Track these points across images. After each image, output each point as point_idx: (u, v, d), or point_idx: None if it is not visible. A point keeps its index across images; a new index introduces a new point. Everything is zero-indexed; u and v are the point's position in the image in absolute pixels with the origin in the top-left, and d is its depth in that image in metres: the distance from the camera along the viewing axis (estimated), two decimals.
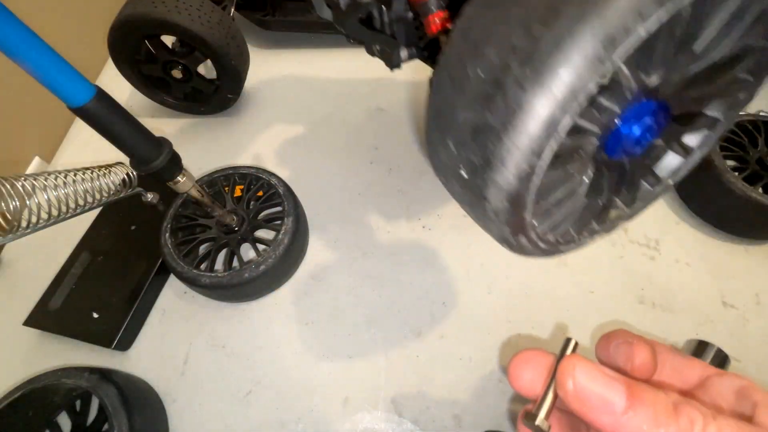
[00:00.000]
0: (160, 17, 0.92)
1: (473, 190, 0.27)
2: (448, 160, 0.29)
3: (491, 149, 0.24)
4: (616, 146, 0.27)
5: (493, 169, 0.24)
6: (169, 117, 1.23)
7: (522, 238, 0.30)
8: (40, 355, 0.85)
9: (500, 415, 0.73)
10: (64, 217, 0.70)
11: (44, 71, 0.47)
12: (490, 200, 0.26)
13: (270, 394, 0.78)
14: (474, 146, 0.25)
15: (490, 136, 0.24)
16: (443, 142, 0.28)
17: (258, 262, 0.79)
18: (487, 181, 0.25)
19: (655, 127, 0.28)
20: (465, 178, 0.27)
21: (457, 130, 0.26)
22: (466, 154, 0.26)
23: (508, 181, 0.24)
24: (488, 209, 0.27)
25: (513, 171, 0.24)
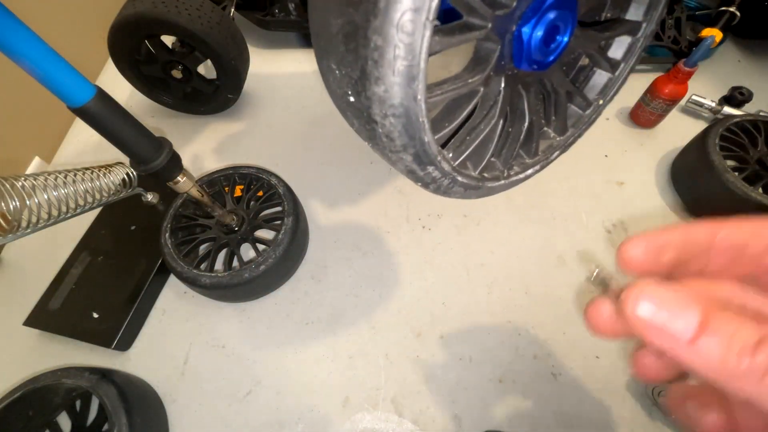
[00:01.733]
0: (160, 17, 0.92)
1: (363, 115, 0.23)
2: (336, 89, 0.25)
3: (363, 54, 0.20)
4: (520, 53, 0.23)
5: (370, 77, 0.20)
6: (169, 117, 1.23)
7: (431, 169, 0.26)
8: (40, 355, 0.85)
9: (500, 415, 0.73)
10: (64, 217, 0.70)
11: (44, 71, 0.47)
12: (378, 121, 0.22)
13: (270, 394, 0.78)
14: (349, 57, 0.21)
15: (359, 39, 0.20)
16: (329, 67, 0.24)
17: (258, 262, 0.79)
18: (370, 97, 0.21)
19: (563, 28, 0.24)
20: (353, 102, 0.24)
21: (333, 45, 0.22)
22: (347, 72, 0.22)
23: (386, 89, 0.20)
24: (381, 135, 0.23)
25: (390, 75, 0.20)
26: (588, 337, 0.79)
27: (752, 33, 1.24)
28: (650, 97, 1.03)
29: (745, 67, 1.23)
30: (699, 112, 1.11)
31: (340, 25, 0.21)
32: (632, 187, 1.00)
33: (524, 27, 0.23)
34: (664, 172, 1.02)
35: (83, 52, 1.35)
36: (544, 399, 0.74)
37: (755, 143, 0.89)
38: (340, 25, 0.21)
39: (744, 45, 1.28)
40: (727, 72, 1.21)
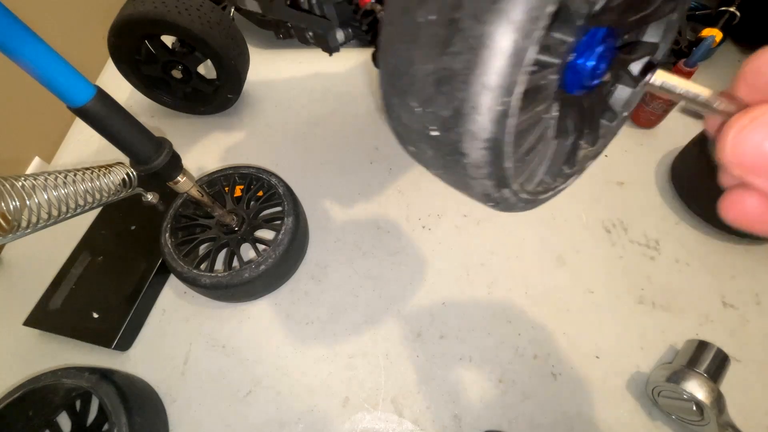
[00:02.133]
0: (160, 17, 0.92)
1: (447, 147, 0.26)
2: (413, 124, 0.27)
3: (459, 97, 0.22)
4: (574, 81, 0.26)
5: (466, 117, 0.23)
6: (169, 117, 1.23)
7: (505, 191, 0.28)
8: (40, 355, 0.85)
9: (500, 415, 0.73)
10: (64, 217, 0.70)
11: (44, 71, 0.47)
12: (468, 153, 0.24)
13: (270, 394, 0.78)
14: (441, 99, 0.23)
15: (455, 83, 0.22)
16: (405, 105, 0.26)
17: (258, 262, 0.79)
18: (462, 133, 0.24)
19: (606, 56, 0.27)
20: (436, 137, 0.26)
21: (418, 87, 0.24)
22: (433, 110, 0.24)
23: (483, 127, 0.23)
24: (468, 165, 0.25)
25: (486, 115, 0.22)
26: (588, 337, 0.79)
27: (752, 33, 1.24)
28: (650, 98, 1.03)
29: None
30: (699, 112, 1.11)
31: (431, 70, 0.23)
32: (632, 187, 1.00)
33: (580, 59, 0.25)
34: (664, 172, 1.02)
35: (83, 52, 1.35)
36: (544, 399, 0.74)
37: None
38: (431, 70, 0.23)
39: (744, 45, 1.28)
40: (727, 72, 1.21)
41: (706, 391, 0.62)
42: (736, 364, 0.73)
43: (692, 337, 0.73)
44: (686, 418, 0.66)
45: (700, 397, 0.61)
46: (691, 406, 0.64)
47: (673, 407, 0.67)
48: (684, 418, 0.67)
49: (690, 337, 0.73)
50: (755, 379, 0.73)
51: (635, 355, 0.77)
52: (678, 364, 0.68)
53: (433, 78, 0.23)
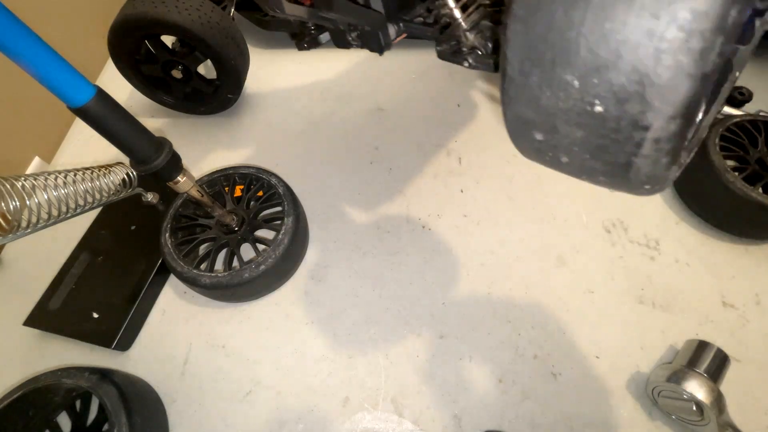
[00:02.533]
0: (160, 17, 0.92)
1: (618, 123, 0.22)
2: (562, 103, 0.23)
3: (657, 56, 0.18)
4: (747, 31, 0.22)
5: (661, 81, 0.19)
6: (169, 117, 1.23)
7: (674, 168, 0.24)
8: (40, 355, 0.85)
9: (500, 415, 0.73)
10: (64, 217, 0.70)
11: (44, 71, 0.47)
12: (652, 126, 0.21)
13: (270, 394, 0.78)
14: (622, 64, 0.20)
15: (652, 40, 0.18)
16: (553, 80, 0.23)
17: (258, 262, 0.79)
18: (652, 101, 0.20)
19: None
20: (599, 113, 0.22)
21: (582, 55, 0.21)
22: (606, 81, 0.21)
23: (685, 88, 0.19)
24: (646, 141, 0.22)
25: (695, 71, 0.18)
26: (588, 337, 0.79)
27: None
28: None
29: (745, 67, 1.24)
30: None
31: (609, 30, 0.20)
32: None
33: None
34: None
35: (83, 52, 1.35)
36: (544, 399, 0.74)
37: (755, 143, 0.89)
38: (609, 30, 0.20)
39: None
40: None
41: (706, 391, 0.62)
42: (736, 364, 0.73)
43: (692, 337, 0.73)
44: (686, 418, 0.66)
45: (700, 397, 0.61)
46: (691, 406, 0.64)
47: (673, 407, 0.67)
48: (684, 418, 0.67)
49: (690, 337, 0.73)
50: (755, 379, 0.73)
51: (635, 355, 0.77)
52: (678, 364, 0.68)
53: (614, 39, 0.20)
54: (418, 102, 1.19)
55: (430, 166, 1.05)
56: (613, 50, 0.20)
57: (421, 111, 1.17)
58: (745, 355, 0.75)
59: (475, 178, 1.02)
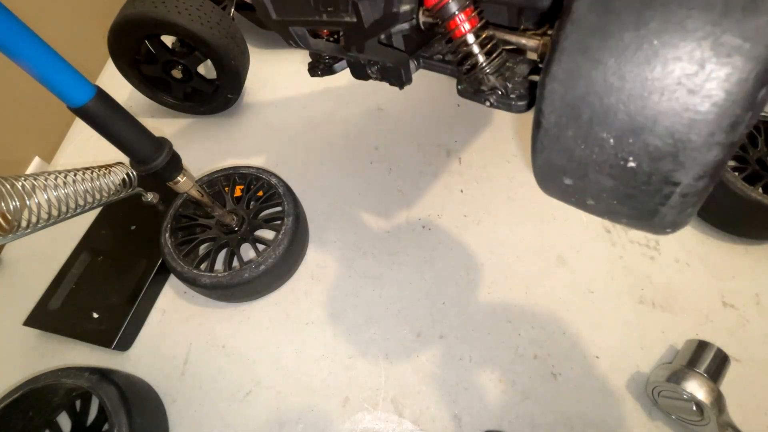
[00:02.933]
0: (160, 17, 0.92)
1: (650, 178, 0.24)
2: (595, 156, 0.25)
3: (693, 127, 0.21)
4: None
5: (695, 147, 0.21)
6: (169, 117, 1.23)
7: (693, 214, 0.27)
8: (40, 355, 0.85)
9: (500, 415, 0.73)
10: (64, 217, 0.70)
11: (44, 71, 0.47)
12: (682, 183, 0.23)
13: (270, 394, 0.78)
14: (659, 129, 0.22)
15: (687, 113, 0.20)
16: (588, 137, 0.25)
17: (258, 262, 0.79)
18: (684, 161, 0.22)
19: None
20: (632, 168, 0.24)
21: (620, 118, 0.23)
22: (641, 141, 0.23)
23: (715, 154, 0.21)
24: (674, 196, 0.24)
25: (725, 141, 0.20)
26: (588, 337, 0.79)
27: None
28: None
29: None
30: None
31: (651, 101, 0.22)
32: None
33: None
34: None
35: (83, 52, 1.35)
36: (544, 399, 0.74)
37: (755, 143, 0.89)
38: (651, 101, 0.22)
39: None
40: None
41: (706, 391, 0.62)
42: (736, 364, 0.73)
43: (692, 337, 0.73)
44: (686, 418, 0.66)
45: (700, 397, 0.61)
46: (691, 406, 0.64)
47: (673, 407, 0.67)
48: (684, 418, 0.67)
49: (690, 337, 0.73)
50: (755, 379, 0.73)
51: (635, 355, 0.77)
52: (678, 364, 0.68)
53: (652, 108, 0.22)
54: (418, 102, 1.19)
55: (430, 166, 1.05)
56: (651, 117, 0.22)
57: (421, 111, 1.17)
58: (745, 355, 0.75)
59: (475, 178, 1.02)
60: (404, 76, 0.61)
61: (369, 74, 0.65)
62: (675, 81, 0.21)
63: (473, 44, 0.47)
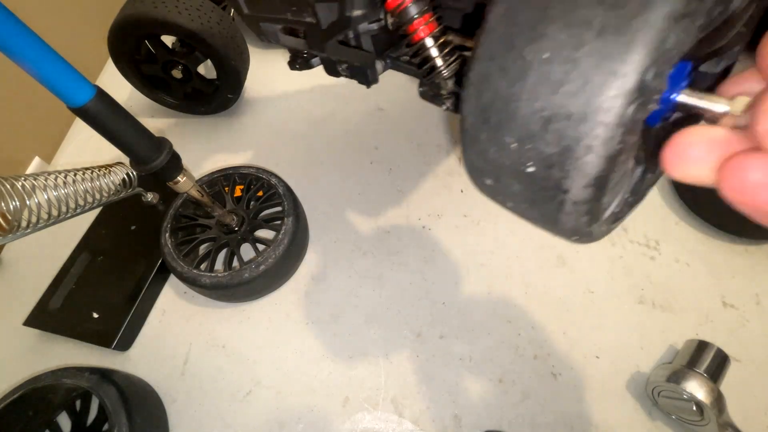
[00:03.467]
0: (160, 17, 0.92)
1: (545, 184, 0.26)
2: (503, 159, 0.27)
3: (573, 136, 0.22)
4: (658, 113, 0.26)
5: (577, 157, 0.23)
6: (169, 117, 1.23)
7: (595, 226, 0.28)
8: (40, 355, 0.85)
9: (500, 415, 0.73)
10: (64, 217, 0.70)
11: (44, 71, 0.47)
12: (571, 190, 0.25)
13: (270, 394, 0.78)
14: (548, 137, 0.23)
15: (570, 123, 0.22)
16: (497, 140, 0.26)
17: (258, 262, 0.79)
18: (569, 171, 0.24)
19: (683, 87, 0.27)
20: (531, 173, 0.26)
21: (519, 124, 0.25)
22: (535, 148, 0.24)
23: (595, 165, 0.23)
24: (566, 201, 0.25)
25: (603, 153, 0.22)
26: (588, 337, 0.79)
27: None
28: None
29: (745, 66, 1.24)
30: None
31: (539, 109, 0.23)
32: None
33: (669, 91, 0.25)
34: None
35: (83, 52, 1.35)
36: (544, 399, 0.74)
37: None
38: (539, 109, 0.23)
39: None
40: None
41: (706, 391, 0.62)
42: (736, 364, 0.73)
43: (692, 337, 0.73)
44: (686, 418, 0.66)
45: (700, 397, 0.61)
46: (691, 406, 0.64)
47: (673, 407, 0.67)
48: (684, 418, 0.67)
49: (690, 337, 0.73)
50: (755, 379, 0.73)
51: (635, 355, 0.77)
52: (678, 364, 0.68)
53: (541, 116, 0.23)
54: (418, 102, 1.19)
55: (430, 166, 1.05)
56: (542, 125, 0.24)
57: (421, 111, 1.17)
58: (745, 355, 0.75)
59: None
60: (370, 75, 0.62)
61: (339, 71, 0.66)
62: (562, 92, 0.22)
63: (431, 48, 0.49)
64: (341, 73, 0.67)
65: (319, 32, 0.55)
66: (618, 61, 0.20)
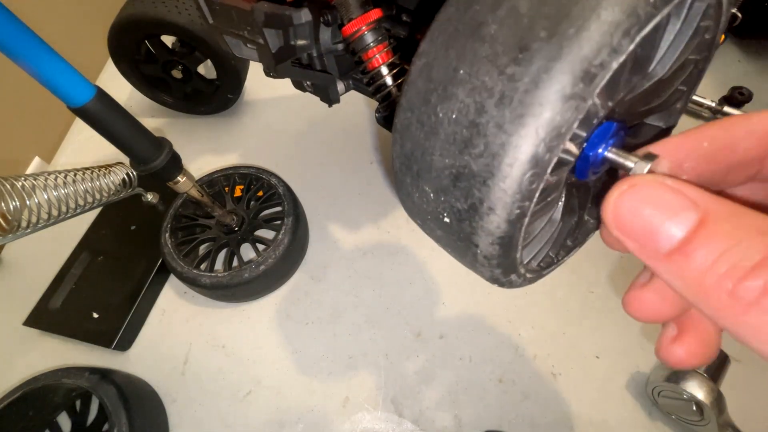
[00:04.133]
0: (160, 17, 0.92)
1: (459, 235, 0.26)
2: (425, 206, 0.28)
3: (476, 195, 0.23)
4: (584, 169, 0.27)
5: (482, 216, 0.23)
6: (169, 117, 1.23)
7: (512, 276, 0.29)
8: (40, 355, 0.85)
9: (500, 415, 0.73)
10: (64, 217, 0.70)
11: (44, 71, 0.47)
12: (479, 246, 0.25)
13: (270, 394, 0.78)
14: (457, 193, 0.24)
15: (474, 183, 0.23)
16: (419, 187, 0.27)
17: (258, 262, 0.79)
18: (476, 228, 0.24)
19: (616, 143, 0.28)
20: (448, 223, 0.27)
21: (434, 176, 0.25)
22: (448, 201, 0.25)
23: (498, 226, 0.23)
24: (478, 255, 0.26)
25: (503, 216, 0.23)
26: (588, 337, 0.79)
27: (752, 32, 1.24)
28: None
29: (745, 67, 1.23)
30: (699, 112, 1.11)
31: (448, 165, 0.24)
32: None
33: (593, 150, 0.26)
34: None
35: (83, 52, 1.35)
36: (544, 399, 0.74)
37: None
38: (448, 165, 0.24)
39: (744, 45, 1.28)
40: (727, 72, 1.21)
41: (706, 391, 0.62)
42: (736, 364, 0.73)
43: None
44: (686, 418, 0.66)
45: (700, 397, 0.61)
46: (691, 406, 0.64)
47: (673, 407, 0.67)
48: (684, 418, 0.67)
49: None
50: (755, 379, 0.73)
51: (635, 355, 0.77)
52: None
53: (451, 172, 0.24)
54: None
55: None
56: (451, 181, 0.24)
57: None
58: (745, 355, 0.75)
59: None
60: (331, 95, 0.63)
61: (305, 87, 0.68)
62: (467, 153, 0.23)
63: (386, 76, 0.49)
64: (307, 89, 0.68)
65: (270, 55, 0.56)
66: (512, 133, 0.21)
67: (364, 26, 0.47)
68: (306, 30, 0.52)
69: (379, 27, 0.48)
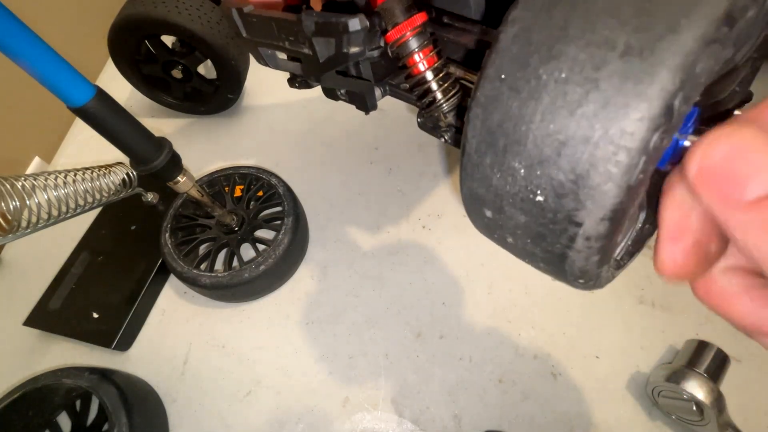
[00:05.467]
0: (160, 17, 0.92)
1: (555, 215, 0.24)
2: (509, 187, 0.25)
3: (591, 162, 0.21)
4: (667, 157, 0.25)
5: (593, 185, 0.21)
6: (169, 117, 1.23)
7: (604, 269, 0.27)
8: (40, 355, 0.85)
9: (500, 415, 0.73)
10: (64, 217, 0.70)
11: (44, 71, 0.47)
12: (584, 224, 0.23)
13: (270, 394, 0.78)
14: (562, 162, 0.22)
15: (587, 147, 0.21)
16: (503, 165, 0.25)
17: (258, 262, 0.79)
18: (584, 200, 0.22)
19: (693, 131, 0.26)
20: (540, 202, 0.24)
21: (530, 147, 0.23)
22: (546, 174, 0.23)
23: (613, 195, 0.21)
24: (578, 237, 0.24)
25: (624, 181, 0.20)
26: (588, 337, 0.79)
27: None
28: None
29: None
30: None
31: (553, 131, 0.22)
32: None
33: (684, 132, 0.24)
34: None
35: (83, 52, 1.35)
36: (544, 399, 0.74)
37: None
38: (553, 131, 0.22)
39: None
40: None
41: (706, 391, 0.62)
42: (736, 364, 0.73)
43: (692, 337, 0.73)
44: (686, 418, 0.66)
45: (700, 397, 0.61)
46: (691, 406, 0.64)
47: (673, 407, 0.67)
48: (684, 418, 0.67)
49: (690, 337, 0.73)
50: (755, 379, 0.73)
51: (635, 355, 0.77)
52: (678, 364, 0.68)
53: (556, 139, 0.22)
54: None
55: (430, 166, 1.05)
56: (555, 149, 0.22)
57: None
58: (745, 355, 0.75)
59: None
60: (368, 102, 0.62)
61: (338, 96, 0.67)
62: (579, 114, 0.21)
63: (431, 81, 0.48)
64: (340, 98, 0.67)
65: (317, 64, 0.54)
66: (644, 82, 0.19)
67: (408, 31, 0.46)
68: (360, 37, 0.50)
69: (424, 31, 0.47)
